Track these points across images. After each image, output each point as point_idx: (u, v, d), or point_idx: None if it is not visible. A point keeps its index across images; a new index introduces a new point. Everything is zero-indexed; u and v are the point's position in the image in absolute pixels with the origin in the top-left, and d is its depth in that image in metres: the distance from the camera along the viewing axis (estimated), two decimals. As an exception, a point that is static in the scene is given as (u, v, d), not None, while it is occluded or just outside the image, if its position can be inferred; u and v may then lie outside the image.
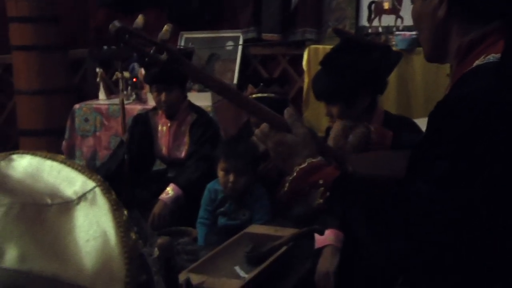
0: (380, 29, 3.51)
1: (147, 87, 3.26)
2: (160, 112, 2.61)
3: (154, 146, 2.64)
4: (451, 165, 0.83)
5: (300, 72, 3.77)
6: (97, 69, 3.68)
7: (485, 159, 0.82)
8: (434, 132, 0.89)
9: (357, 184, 0.97)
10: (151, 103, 3.02)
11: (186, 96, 2.65)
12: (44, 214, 0.32)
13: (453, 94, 0.92)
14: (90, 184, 0.34)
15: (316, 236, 1.84)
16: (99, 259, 0.31)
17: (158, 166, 2.84)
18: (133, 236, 0.33)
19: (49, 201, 0.33)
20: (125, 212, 0.34)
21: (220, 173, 2.12)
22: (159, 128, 2.64)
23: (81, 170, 0.35)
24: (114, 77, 3.47)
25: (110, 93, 3.71)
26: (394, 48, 2.65)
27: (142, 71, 3.31)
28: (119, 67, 3.21)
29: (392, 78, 2.44)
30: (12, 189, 0.33)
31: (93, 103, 3.61)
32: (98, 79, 3.67)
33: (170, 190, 2.34)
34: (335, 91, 1.84)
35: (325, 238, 1.82)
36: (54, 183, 0.34)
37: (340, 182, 0.94)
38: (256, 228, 1.80)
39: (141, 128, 2.64)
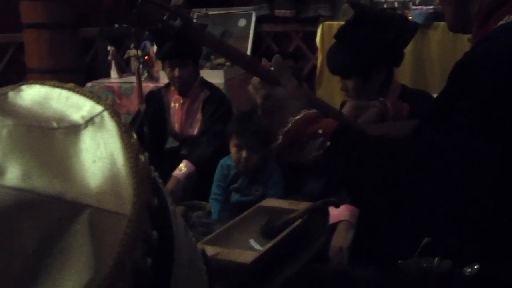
0: (396, 4, 3.46)
1: (159, 65, 3.26)
2: (172, 89, 2.61)
3: (167, 124, 2.64)
4: (468, 120, 0.81)
5: (313, 49, 3.73)
6: (109, 47, 3.68)
7: (506, 116, 0.80)
8: (452, 87, 0.86)
9: (362, 134, 0.92)
10: (163, 81, 3.02)
11: (199, 73, 2.64)
12: (50, 137, 0.31)
13: (476, 50, 0.90)
14: (98, 108, 0.33)
15: (331, 211, 1.84)
16: (106, 179, 0.30)
17: (171, 144, 2.85)
18: (142, 158, 0.32)
19: (55, 125, 0.32)
20: (134, 136, 0.34)
21: (233, 149, 2.12)
22: (172, 105, 2.63)
23: (89, 95, 0.34)
24: (126, 55, 3.47)
25: (122, 71, 3.71)
26: (410, 23, 2.61)
27: (154, 49, 3.30)
28: (132, 36, 3.19)
29: (408, 53, 2.41)
30: (18, 113, 0.32)
31: (105, 81, 3.61)
32: (109, 58, 3.67)
33: (183, 167, 2.35)
34: (351, 65, 1.82)
35: (340, 213, 1.82)
36: (61, 109, 0.33)
37: (343, 131, 0.90)
38: (270, 202, 1.80)
39: (153, 105, 2.64)
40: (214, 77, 3.13)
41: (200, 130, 2.56)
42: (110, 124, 0.33)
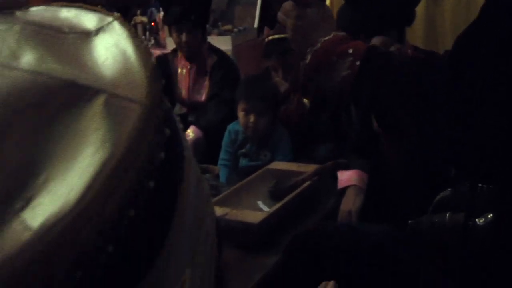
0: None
1: (165, 32, 3.22)
2: (180, 54, 2.58)
3: (174, 90, 2.63)
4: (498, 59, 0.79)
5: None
6: (115, 15, 3.64)
7: None
8: (478, 28, 0.85)
9: (392, 56, 0.92)
10: (170, 48, 2.99)
11: (206, 39, 2.61)
12: (62, 38, 0.32)
13: None
14: (108, 18, 0.33)
15: (340, 176, 1.83)
16: (119, 71, 0.30)
17: (178, 111, 2.84)
18: (153, 60, 0.32)
19: (66, 30, 0.32)
20: (144, 42, 0.34)
21: (241, 114, 2.10)
22: (179, 71, 2.61)
23: (98, 10, 0.34)
24: (132, 22, 3.44)
25: (128, 39, 3.68)
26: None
27: (160, 15, 3.27)
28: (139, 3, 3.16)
29: (419, 13, 2.36)
30: (29, 18, 0.32)
31: (111, 49, 3.58)
32: (116, 25, 3.63)
33: (190, 132, 2.34)
34: (361, 25, 1.79)
35: (349, 178, 1.81)
36: (72, 19, 0.34)
37: (372, 52, 0.90)
38: (279, 165, 1.79)
39: (160, 72, 2.61)
40: (222, 43, 3.10)
41: (207, 96, 2.55)
42: (120, 30, 0.33)
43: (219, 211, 1.37)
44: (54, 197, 0.26)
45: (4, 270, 0.25)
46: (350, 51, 0.89)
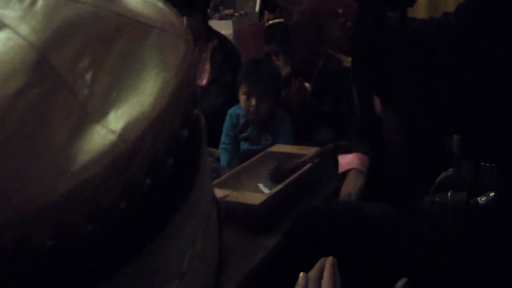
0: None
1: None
2: (180, 38, 2.57)
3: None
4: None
5: None
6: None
7: None
8: None
9: (386, 16, 0.88)
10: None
11: (207, 23, 2.59)
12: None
13: None
14: None
15: (340, 160, 1.83)
16: (160, 14, 0.35)
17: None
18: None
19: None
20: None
21: (242, 97, 2.10)
22: (180, 55, 2.60)
23: None
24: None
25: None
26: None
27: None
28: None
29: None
30: None
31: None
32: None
33: (191, 117, 2.33)
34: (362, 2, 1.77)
35: (349, 162, 1.80)
36: None
37: (365, 11, 0.86)
38: (279, 148, 1.79)
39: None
40: (223, 27, 3.08)
41: (208, 80, 2.54)
42: None
43: (219, 193, 1.37)
44: (130, 108, 0.30)
45: (91, 169, 0.28)
46: (340, 11, 0.85)
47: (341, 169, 1.80)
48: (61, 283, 0.30)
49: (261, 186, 1.55)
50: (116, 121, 0.30)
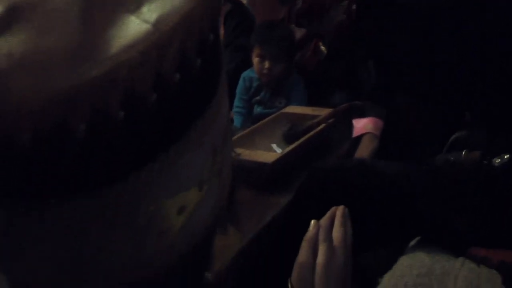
0: None
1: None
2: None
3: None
4: None
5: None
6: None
7: None
8: None
9: None
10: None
11: (220, -15, 2.57)
12: None
13: None
14: None
15: (355, 124, 1.82)
16: None
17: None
18: None
19: None
20: None
21: (255, 60, 2.09)
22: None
23: None
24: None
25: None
26: None
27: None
28: None
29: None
30: None
31: None
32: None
33: (204, 80, 2.33)
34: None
35: (364, 126, 1.80)
36: None
37: None
38: (293, 109, 1.79)
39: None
40: (237, -9, 3.05)
41: (222, 44, 2.53)
42: None
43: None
44: (163, 3, 0.32)
45: (126, 54, 0.30)
46: None
47: (356, 133, 1.80)
48: (92, 172, 0.32)
49: (274, 146, 1.55)
50: (150, 13, 0.32)
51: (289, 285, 0.80)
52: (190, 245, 0.40)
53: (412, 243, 1.09)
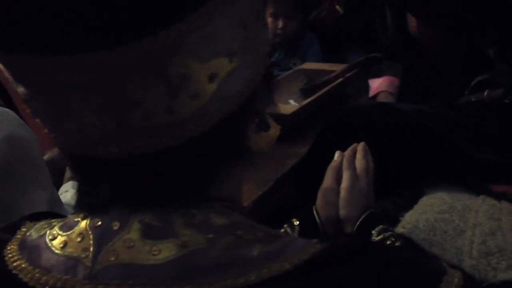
0: None
1: None
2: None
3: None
4: None
5: None
6: None
7: None
8: None
9: None
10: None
11: None
12: None
13: None
14: None
15: (371, 84, 1.85)
16: None
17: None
18: None
19: None
20: None
21: (269, 20, 2.11)
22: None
23: None
24: None
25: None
26: None
27: None
28: None
29: None
30: None
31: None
32: None
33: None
34: None
35: (379, 85, 1.83)
36: None
37: None
38: (310, 65, 1.82)
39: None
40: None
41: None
42: None
43: (250, 104, 1.41)
44: None
45: None
46: None
47: (372, 92, 1.83)
48: (123, 25, 0.39)
49: (292, 101, 1.59)
50: None
51: (314, 212, 0.85)
52: (225, 113, 0.44)
53: (433, 185, 1.13)
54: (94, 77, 0.40)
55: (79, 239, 0.45)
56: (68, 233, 0.46)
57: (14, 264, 0.47)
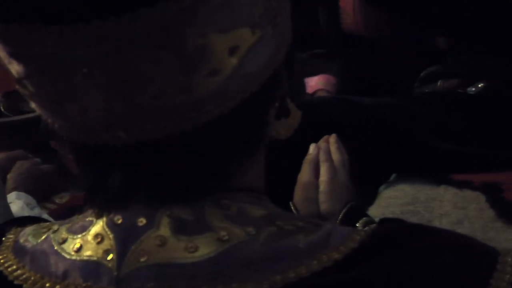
0: None
1: None
2: None
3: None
4: None
5: None
6: None
7: None
8: None
9: None
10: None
11: None
12: None
13: None
14: None
15: (307, 82, 1.88)
16: None
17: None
18: None
19: None
20: None
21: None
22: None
23: None
24: None
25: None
26: None
27: None
28: None
29: None
30: None
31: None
32: None
33: None
34: None
35: (316, 83, 1.86)
36: None
37: None
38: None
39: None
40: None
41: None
42: None
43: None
44: None
45: None
46: None
47: (309, 91, 1.85)
48: None
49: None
50: None
51: (293, 208, 0.84)
52: (246, 93, 0.40)
53: (392, 177, 1.15)
54: (100, 51, 0.36)
55: (97, 241, 0.40)
56: (82, 235, 0.41)
57: (15, 274, 0.42)
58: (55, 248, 0.42)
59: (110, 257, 0.40)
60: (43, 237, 0.43)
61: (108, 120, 0.38)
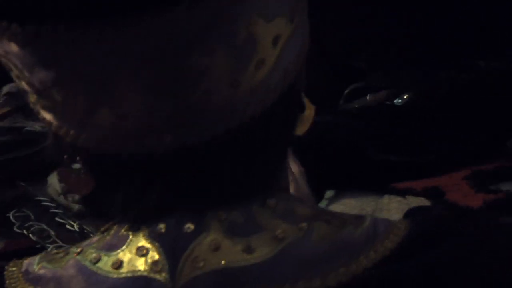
0: None
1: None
2: None
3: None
4: None
5: None
6: None
7: None
8: None
9: None
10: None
11: None
12: None
13: None
14: None
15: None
16: None
17: None
18: None
19: None
20: None
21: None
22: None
23: None
24: None
25: None
26: None
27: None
28: None
29: None
30: None
31: None
32: None
33: None
34: None
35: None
36: None
37: None
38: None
39: None
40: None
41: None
42: None
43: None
44: None
45: None
46: None
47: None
48: None
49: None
50: None
51: None
52: (284, 85, 0.39)
53: (331, 193, 1.17)
54: (149, 49, 0.33)
55: (141, 253, 0.37)
56: (121, 249, 0.38)
57: None
58: (90, 268, 0.38)
59: (159, 268, 0.37)
60: (64, 262, 0.39)
61: (152, 124, 0.36)
